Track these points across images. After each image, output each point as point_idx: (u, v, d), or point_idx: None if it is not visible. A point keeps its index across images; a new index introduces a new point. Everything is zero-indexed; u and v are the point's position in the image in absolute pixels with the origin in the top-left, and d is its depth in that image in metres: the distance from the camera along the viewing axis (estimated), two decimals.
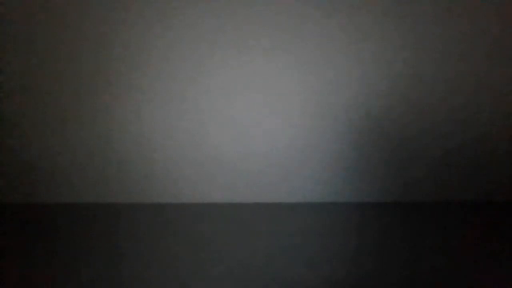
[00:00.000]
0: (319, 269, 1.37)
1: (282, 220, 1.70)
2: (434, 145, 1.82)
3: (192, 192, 1.86)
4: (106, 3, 1.71)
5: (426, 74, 1.77)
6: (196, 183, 1.85)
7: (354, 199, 1.87)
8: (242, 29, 1.73)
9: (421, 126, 1.81)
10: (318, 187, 1.85)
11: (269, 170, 1.84)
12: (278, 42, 1.74)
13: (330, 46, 1.74)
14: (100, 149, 1.83)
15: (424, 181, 1.85)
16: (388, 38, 1.73)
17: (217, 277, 1.33)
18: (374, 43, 1.74)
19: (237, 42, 1.74)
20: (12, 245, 1.52)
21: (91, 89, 1.78)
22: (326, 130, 1.81)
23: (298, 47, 1.74)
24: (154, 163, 1.84)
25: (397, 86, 1.77)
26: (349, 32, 1.73)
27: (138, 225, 1.67)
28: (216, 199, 1.87)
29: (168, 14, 1.72)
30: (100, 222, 1.70)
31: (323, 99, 1.78)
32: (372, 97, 1.78)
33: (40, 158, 1.83)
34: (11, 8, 1.71)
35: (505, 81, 1.77)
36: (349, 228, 1.64)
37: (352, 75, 1.76)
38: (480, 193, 1.87)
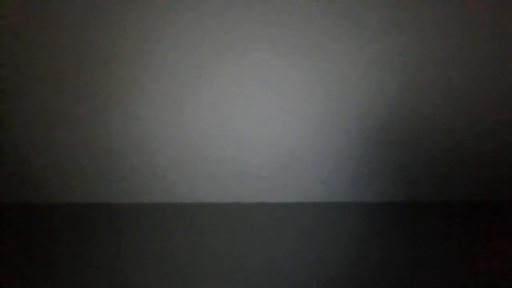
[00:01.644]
0: (319, 269, 1.37)
1: (282, 220, 1.70)
2: (434, 145, 1.82)
3: (192, 192, 1.86)
4: (106, 4, 1.71)
5: (427, 75, 1.77)
6: (196, 183, 1.85)
7: (354, 199, 1.87)
8: (244, 30, 1.73)
9: (421, 126, 1.81)
10: (318, 187, 1.85)
11: (269, 171, 1.84)
12: (281, 44, 1.74)
13: (333, 47, 1.74)
14: (100, 149, 1.82)
15: (424, 181, 1.85)
16: (391, 40, 1.73)
17: (217, 277, 1.33)
18: (377, 44, 1.74)
19: (239, 43, 1.74)
20: (12, 245, 1.52)
21: (91, 90, 1.78)
22: (327, 131, 1.81)
23: (301, 49, 1.74)
24: (154, 163, 1.83)
25: (398, 87, 1.77)
26: (352, 34, 1.73)
27: (138, 225, 1.67)
28: (216, 199, 1.87)
29: (168, 15, 1.72)
30: (100, 222, 1.70)
31: (324, 100, 1.78)
32: (373, 98, 1.78)
33: (40, 158, 1.83)
34: (12, 9, 1.71)
35: (506, 83, 1.77)
36: (349, 228, 1.64)
37: (354, 77, 1.76)
38: (480, 193, 1.87)
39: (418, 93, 1.78)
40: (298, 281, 1.30)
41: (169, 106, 1.79)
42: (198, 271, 1.36)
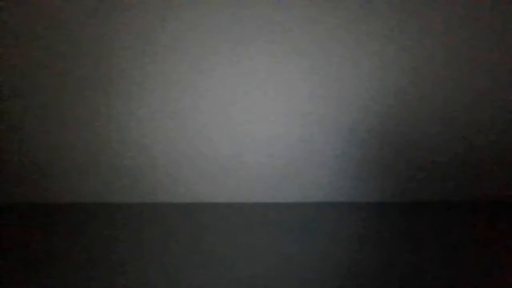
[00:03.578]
0: (319, 269, 1.37)
1: (282, 220, 1.71)
2: (434, 145, 1.82)
3: (192, 192, 1.86)
4: (107, 4, 1.71)
5: (428, 76, 1.77)
6: (196, 183, 1.85)
7: (354, 199, 1.87)
8: (243, 30, 1.73)
9: (421, 127, 1.81)
10: (318, 187, 1.85)
11: (269, 170, 1.84)
12: (280, 44, 1.74)
13: (333, 47, 1.74)
14: (100, 149, 1.83)
15: (424, 181, 1.85)
16: (392, 40, 1.73)
17: (216, 277, 1.33)
18: (377, 45, 1.74)
19: (238, 43, 1.74)
20: (12, 245, 1.52)
21: (91, 89, 1.78)
22: (326, 131, 1.81)
23: (301, 48, 1.74)
24: (154, 163, 1.84)
25: (398, 87, 1.77)
26: (352, 34, 1.73)
27: (138, 225, 1.67)
28: (216, 199, 1.87)
29: (169, 15, 1.72)
30: (100, 222, 1.70)
31: (324, 100, 1.78)
32: (373, 97, 1.78)
33: (40, 158, 1.83)
34: (12, 8, 1.71)
35: (506, 83, 1.77)
36: (349, 228, 1.64)
37: (354, 76, 1.76)
38: (480, 193, 1.87)
39: (419, 95, 1.78)
40: (298, 281, 1.30)
41: (169, 107, 1.79)
42: (198, 271, 1.36)
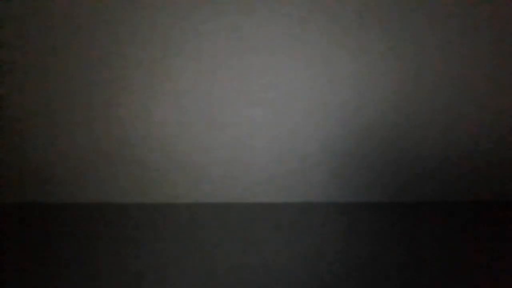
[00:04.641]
0: (319, 269, 1.37)
1: (282, 220, 1.71)
2: (433, 145, 1.82)
3: (192, 192, 1.86)
4: (109, 4, 1.71)
5: (428, 77, 1.77)
6: (196, 183, 1.85)
7: (354, 199, 1.87)
8: (244, 31, 1.73)
9: (421, 126, 1.81)
10: (318, 187, 1.85)
11: (269, 170, 1.84)
12: (280, 44, 1.74)
13: (330, 48, 1.74)
14: (100, 149, 1.82)
15: (424, 181, 1.85)
16: (388, 41, 1.73)
17: (217, 277, 1.33)
18: (375, 45, 1.74)
19: (239, 44, 1.74)
20: (12, 245, 1.52)
21: (92, 90, 1.78)
22: (326, 131, 1.81)
23: (299, 49, 1.74)
24: (154, 163, 1.84)
25: (397, 87, 1.77)
26: (351, 34, 1.73)
27: (138, 225, 1.67)
28: (216, 199, 1.87)
29: (170, 15, 1.72)
30: (100, 222, 1.70)
31: (324, 100, 1.78)
32: (372, 97, 1.78)
33: (40, 158, 1.83)
34: (15, 6, 1.71)
35: (504, 85, 1.77)
36: (348, 228, 1.64)
37: (352, 76, 1.76)
38: (480, 193, 1.87)
39: (419, 94, 1.78)
40: (297, 281, 1.30)
41: (169, 107, 1.79)
42: (198, 271, 1.36)
